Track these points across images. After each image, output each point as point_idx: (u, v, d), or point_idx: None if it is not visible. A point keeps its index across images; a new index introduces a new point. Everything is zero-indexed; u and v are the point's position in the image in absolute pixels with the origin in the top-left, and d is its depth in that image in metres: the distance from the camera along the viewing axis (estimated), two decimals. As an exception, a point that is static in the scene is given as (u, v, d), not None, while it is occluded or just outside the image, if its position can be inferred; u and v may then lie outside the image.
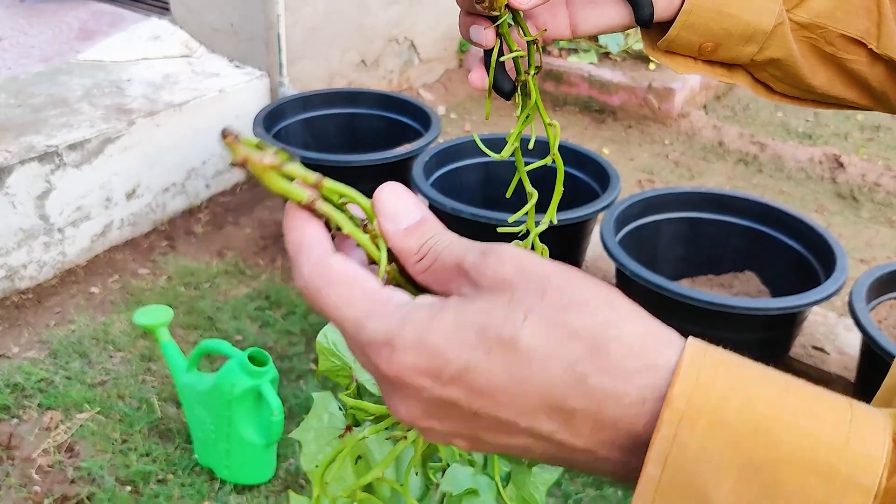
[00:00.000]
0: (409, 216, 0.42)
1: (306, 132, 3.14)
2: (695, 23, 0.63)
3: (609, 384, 0.35)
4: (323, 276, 0.39)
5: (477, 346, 0.36)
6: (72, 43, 3.47)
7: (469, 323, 0.36)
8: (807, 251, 2.43)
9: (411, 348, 0.36)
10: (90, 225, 2.89)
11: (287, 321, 2.63)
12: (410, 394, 0.37)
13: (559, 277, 0.37)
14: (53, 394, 2.30)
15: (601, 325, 0.35)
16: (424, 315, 0.37)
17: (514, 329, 0.35)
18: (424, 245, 0.41)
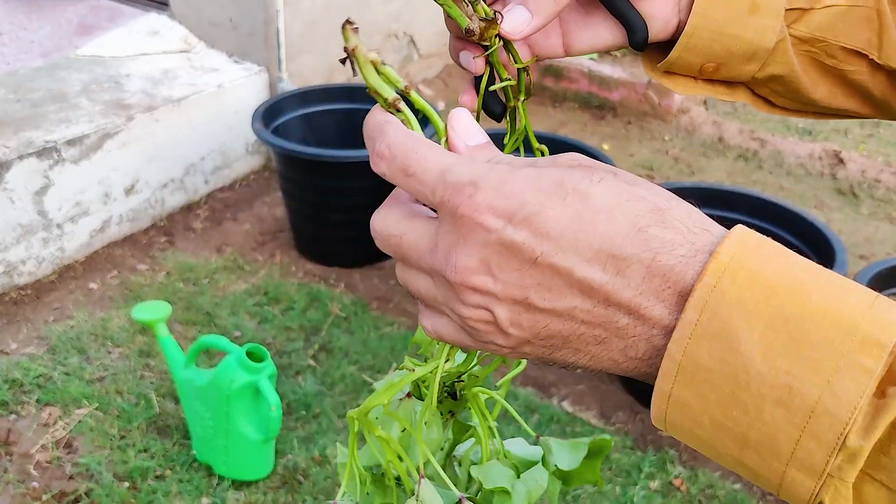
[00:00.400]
0: (479, 136, 0.46)
1: (305, 128, 3.13)
2: (696, 44, 0.62)
3: (667, 235, 0.38)
4: (411, 137, 0.43)
5: (553, 193, 0.39)
6: (71, 38, 3.46)
7: (548, 176, 0.40)
8: (806, 247, 2.43)
9: (493, 189, 0.39)
10: (89, 220, 2.88)
11: (285, 317, 2.63)
12: (477, 238, 0.39)
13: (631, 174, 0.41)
14: (52, 389, 2.30)
15: (665, 197, 0.40)
16: (507, 164, 0.41)
17: (589, 184, 0.39)
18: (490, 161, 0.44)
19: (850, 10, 0.63)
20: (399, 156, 0.42)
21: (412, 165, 0.42)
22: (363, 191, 2.82)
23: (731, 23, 0.61)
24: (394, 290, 2.83)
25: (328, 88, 3.23)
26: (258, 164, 3.48)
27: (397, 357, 2.48)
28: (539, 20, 0.57)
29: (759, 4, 0.61)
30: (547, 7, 0.57)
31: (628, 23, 0.62)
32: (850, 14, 0.63)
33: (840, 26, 0.64)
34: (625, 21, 0.62)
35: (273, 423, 1.93)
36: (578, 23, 0.64)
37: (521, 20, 0.57)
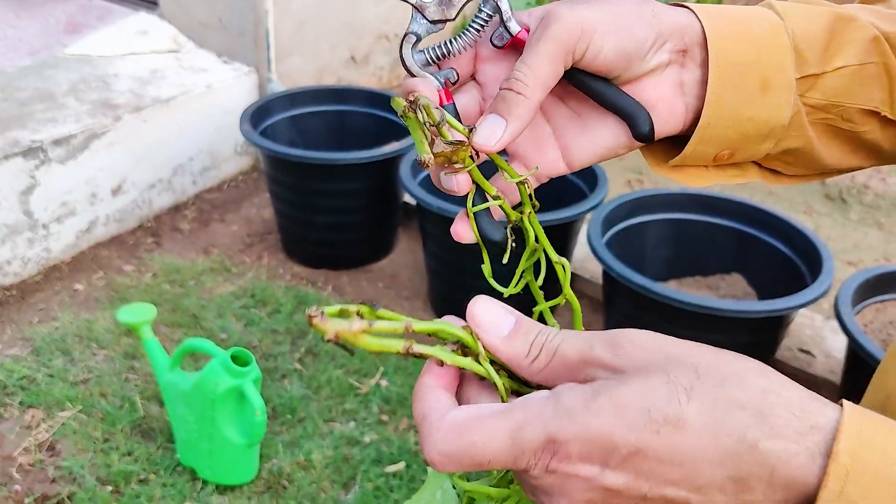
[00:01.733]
0: (506, 322, 0.43)
1: (293, 129, 3.12)
2: (712, 135, 0.57)
3: (780, 446, 0.36)
4: (454, 430, 0.40)
5: (644, 427, 0.36)
6: (59, 36, 3.44)
7: (631, 405, 0.37)
8: (794, 253, 2.43)
9: (576, 438, 0.37)
10: (75, 221, 2.87)
11: (272, 320, 2.62)
12: (577, 486, 0.38)
13: (707, 355, 0.38)
14: (35, 392, 2.28)
15: (761, 393, 0.37)
16: (577, 402, 0.38)
17: (680, 407, 0.36)
18: (534, 344, 0.42)
19: (862, 69, 0.59)
20: (459, 458, 0.39)
21: (480, 458, 0.39)
22: (351, 193, 2.81)
23: (745, 106, 0.57)
24: (381, 293, 2.82)
25: (317, 90, 3.21)
26: (247, 165, 3.46)
27: (384, 361, 2.47)
28: (516, 124, 0.52)
29: (770, 80, 0.57)
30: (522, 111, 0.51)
31: (629, 114, 0.56)
32: (861, 73, 0.59)
33: (855, 88, 0.59)
34: (624, 113, 0.56)
35: (258, 428, 1.92)
36: (574, 130, 0.58)
37: (494, 127, 0.52)
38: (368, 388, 2.36)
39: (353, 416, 2.28)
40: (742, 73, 0.56)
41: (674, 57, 0.56)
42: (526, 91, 0.51)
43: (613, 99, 0.55)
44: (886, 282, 2.32)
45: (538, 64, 0.51)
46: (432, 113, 0.48)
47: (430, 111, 0.48)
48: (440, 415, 0.41)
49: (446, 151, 0.49)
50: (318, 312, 0.40)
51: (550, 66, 0.52)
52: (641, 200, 2.55)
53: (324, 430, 2.22)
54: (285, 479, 2.08)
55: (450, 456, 0.40)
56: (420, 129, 0.48)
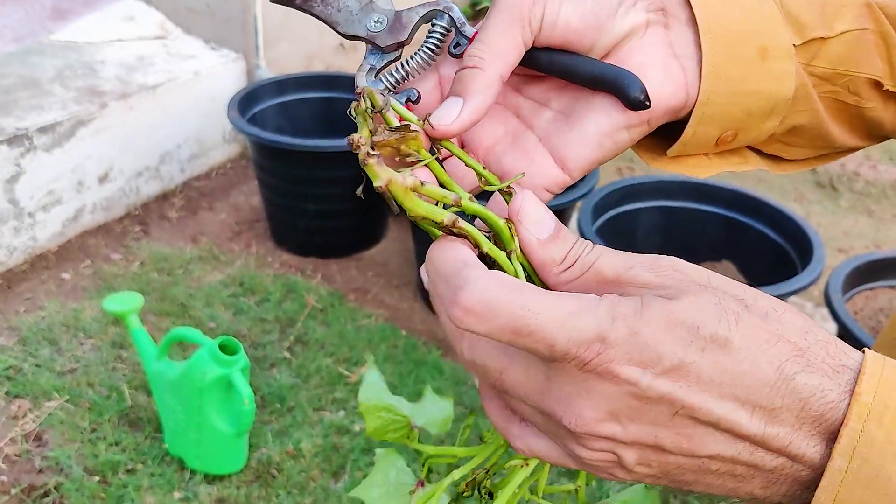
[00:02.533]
0: (548, 225, 0.42)
1: (282, 116, 3.09)
2: (714, 113, 0.51)
3: (814, 381, 0.36)
4: (505, 286, 0.37)
5: (691, 342, 0.36)
6: (44, 22, 3.40)
7: (681, 320, 0.36)
8: (784, 241, 2.43)
9: (624, 342, 0.36)
10: (62, 209, 2.84)
11: (261, 308, 2.60)
12: (607, 390, 0.37)
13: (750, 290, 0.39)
14: (22, 381, 2.26)
15: (800, 330, 0.38)
16: (630, 310, 0.37)
17: (728, 330, 0.36)
18: (570, 254, 0.41)
19: (862, 35, 0.55)
20: (502, 314, 0.36)
21: (524, 325, 0.36)
22: (340, 181, 2.79)
23: (745, 77, 0.51)
24: (371, 282, 2.80)
25: (306, 77, 3.19)
26: (235, 152, 3.44)
27: (374, 349, 2.45)
28: (476, 99, 0.46)
29: (768, 48, 0.51)
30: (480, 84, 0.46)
31: (612, 81, 0.48)
32: (862, 39, 0.55)
33: (859, 55, 0.55)
34: (607, 82, 0.48)
35: (246, 417, 1.91)
36: (560, 128, 0.51)
37: (450, 107, 0.46)
38: (358, 377, 2.35)
39: (342, 404, 2.27)
40: (737, 41, 0.50)
41: (652, 17, 0.50)
42: (482, 64, 0.46)
43: (591, 70, 0.48)
44: (877, 269, 2.32)
45: (491, 37, 0.47)
46: (376, 98, 0.43)
47: (373, 97, 0.43)
48: (483, 269, 0.38)
49: (391, 140, 0.42)
50: (376, 153, 0.37)
51: (504, 36, 0.47)
52: (632, 188, 2.54)
53: (313, 419, 2.21)
54: (274, 469, 2.07)
55: (491, 307, 0.36)
56: (364, 118, 0.43)
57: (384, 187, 0.37)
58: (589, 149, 0.50)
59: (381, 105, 0.43)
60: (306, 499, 1.99)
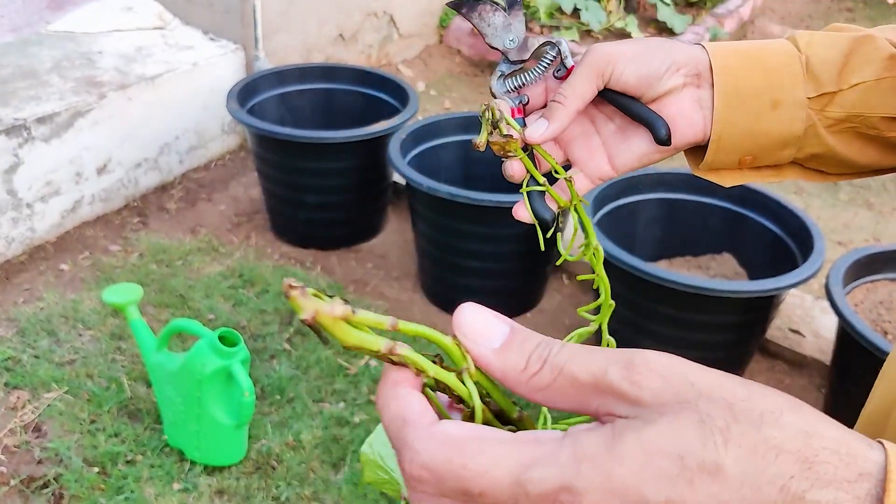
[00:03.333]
0: (499, 331, 0.38)
1: (281, 107, 3.08)
2: (727, 145, 0.68)
3: (830, 496, 0.32)
4: (449, 444, 0.35)
5: (677, 477, 0.32)
6: (42, 13, 3.38)
7: (661, 450, 0.32)
8: (784, 233, 2.42)
9: (596, 489, 0.32)
10: (60, 200, 2.83)
11: (260, 300, 2.59)
12: None
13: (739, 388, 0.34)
14: (21, 373, 2.26)
15: (803, 435, 0.33)
16: (598, 447, 0.33)
17: (717, 454, 0.32)
18: (532, 357, 0.37)
19: (878, 84, 0.67)
20: (448, 477, 0.34)
21: (473, 486, 0.34)
22: (340, 172, 2.78)
23: (755, 122, 0.67)
24: (371, 274, 2.80)
25: (305, 68, 3.18)
26: (234, 143, 3.43)
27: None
28: (555, 124, 0.66)
29: (780, 100, 0.67)
30: (561, 114, 0.67)
31: (649, 122, 0.68)
32: (878, 87, 0.67)
33: (874, 100, 0.67)
34: (646, 122, 0.68)
35: (246, 409, 1.90)
36: (617, 140, 0.70)
37: (539, 125, 0.67)
38: (358, 369, 2.35)
39: (342, 396, 2.26)
40: (750, 96, 0.67)
41: (689, 80, 0.69)
42: (564, 101, 0.67)
43: (638, 111, 0.68)
44: (877, 262, 2.32)
45: (575, 82, 0.67)
46: (495, 112, 0.63)
47: (493, 111, 0.63)
48: (428, 422, 0.36)
49: (499, 141, 0.63)
50: (298, 285, 0.36)
51: (584, 83, 0.67)
52: (633, 180, 2.54)
53: (313, 411, 2.21)
54: (274, 460, 2.06)
55: (435, 472, 0.34)
56: (486, 125, 0.63)
57: (311, 320, 0.36)
58: (632, 160, 0.71)
59: (497, 118, 0.63)
60: (306, 490, 1.99)
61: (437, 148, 2.79)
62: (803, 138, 0.68)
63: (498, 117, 0.63)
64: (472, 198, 2.29)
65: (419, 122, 2.75)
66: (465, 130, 2.82)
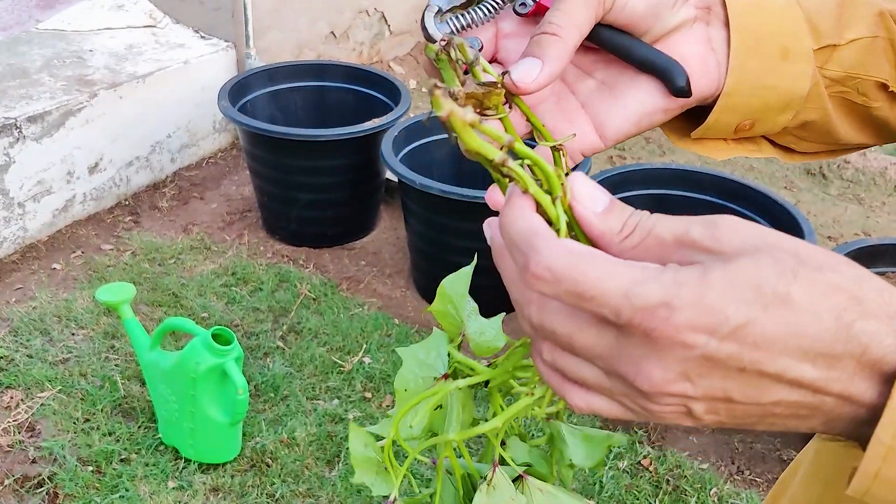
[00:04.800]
0: (602, 198, 0.44)
1: (273, 105, 3.08)
2: (736, 103, 0.58)
3: (872, 327, 0.38)
4: (573, 253, 0.39)
5: (754, 301, 0.38)
6: (31, 11, 3.37)
7: (742, 281, 0.38)
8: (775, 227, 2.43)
9: (689, 306, 0.38)
10: (52, 199, 2.83)
11: (253, 298, 2.60)
12: (677, 353, 0.39)
13: (803, 244, 0.40)
14: (14, 372, 2.26)
15: (854, 279, 0.39)
16: (693, 275, 0.38)
17: (787, 285, 0.38)
18: (627, 222, 0.42)
19: (872, 42, 0.62)
20: (567, 279, 0.39)
21: (587, 290, 0.39)
22: (332, 170, 2.79)
23: (766, 73, 0.58)
24: (364, 271, 2.80)
25: (297, 66, 3.18)
26: (226, 142, 3.43)
27: (367, 338, 2.46)
28: (552, 64, 0.51)
29: (790, 49, 0.58)
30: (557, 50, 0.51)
31: (663, 69, 0.54)
32: (872, 46, 0.63)
33: (868, 60, 0.63)
34: (658, 69, 0.54)
35: (240, 406, 1.91)
36: (604, 100, 0.57)
37: (530, 67, 0.51)
38: (351, 366, 2.36)
39: (336, 393, 2.27)
40: (762, 41, 0.57)
41: (699, 13, 0.57)
42: (560, 31, 0.52)
43: (645, 54, 0.54)
44: (866, 256, 2.34)
45: (571, 6, 0.52)
46: (466, 51, 0.48)
47: (463, 50, 0.48)
48: (552, 236, 0.41)
49: (478, 93, 0.47)
50: (443, 86, 0.39)
51: (584, 8, 0.52)
52: (624, 175, 2.55)
53: (307, 408, 2.21)
54: (269, 457, 2.07)
55: (558, 274, 0.39)
56: (453, 71, 0.48)
57: (445, 118, 0.38)
58: (628, 123, 0.57)
59: (471, 59, 0.48)
60: (301, 487, 2.00)
61: (429, 145, 2.79)
62: (804, 100, 0.60)
63: (472, 58, 0.48)
64: (464, 195, 2.30)
65: (411, 120, 2.75)
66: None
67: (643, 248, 0.42)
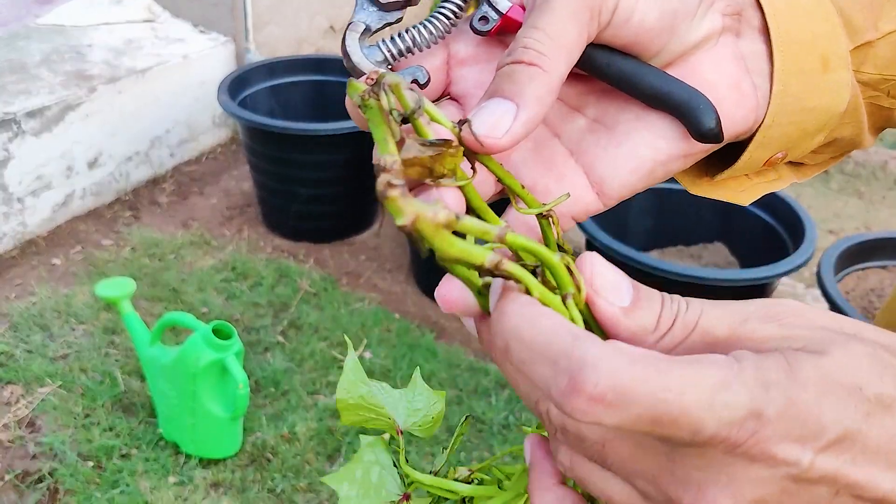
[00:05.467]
0: (627, 288, 0.34)
1: (272, 100, 3.08)
2: (774, 135, 0.45)
3: None
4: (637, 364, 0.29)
5: (855, 408, 0.30)
6: (30, 6, 3.36)
7: (839, 381, 0.30)
8: (776, 222, 2.43)
9: (782, 416, 0.29)
10: (51, 195, 2.82)
11: (254, 293, 2.59)
12: (760, 474, 0.30)
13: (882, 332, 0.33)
14: (14, 368, 2.25)
15: None
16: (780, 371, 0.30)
17: (893, 388, 0.30)
18: (663, 317, 0.33)
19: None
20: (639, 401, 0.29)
21: (664, 413, 0.29)
22: (332, 164, 2.78)
23: (808, 93, 0.44)
24: (364, 266, 2.80)
25: (296, 60, 3.17)
26: (225, 136, 3.42)
27: (367, 333, 2.45)
28: (531, 108, 0.36)
29: (829, 56, 0.44)
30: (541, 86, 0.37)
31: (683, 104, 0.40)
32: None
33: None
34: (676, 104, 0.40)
35: (240, 401, 1.91)
36: (600, 144, 0.43)
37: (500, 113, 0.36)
38: (352, 361, 2.35)
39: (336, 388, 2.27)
40: (803, 51, 0.43)
41: (727, 21, 0.43)
42: (541, 60, 0.37)
43: (658, 85, 0.40)
44: (867, 250, 2.33)
45: (555, 23, 0.37)
46: (403, 96, 0.34)
47: (400, 93, 0.34)
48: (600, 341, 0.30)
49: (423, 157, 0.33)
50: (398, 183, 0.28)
51: (572, 24, 0.37)
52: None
53: (308, 403, 2.21)
54: (269, 452, 2.07)
55: (625, 395, 0.28)
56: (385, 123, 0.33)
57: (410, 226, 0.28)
58: (636, 176, 0.42)
59: (412, 108, 0.34)
60: (301, 482, 2.00)
61: (429, 139, 2.78)
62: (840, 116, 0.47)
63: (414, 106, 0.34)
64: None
65: (411, 114, 2.75)
66: (457, 122, 2.82)
67: (687, 346, 0.33)
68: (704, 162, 0.48)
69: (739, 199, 0.49)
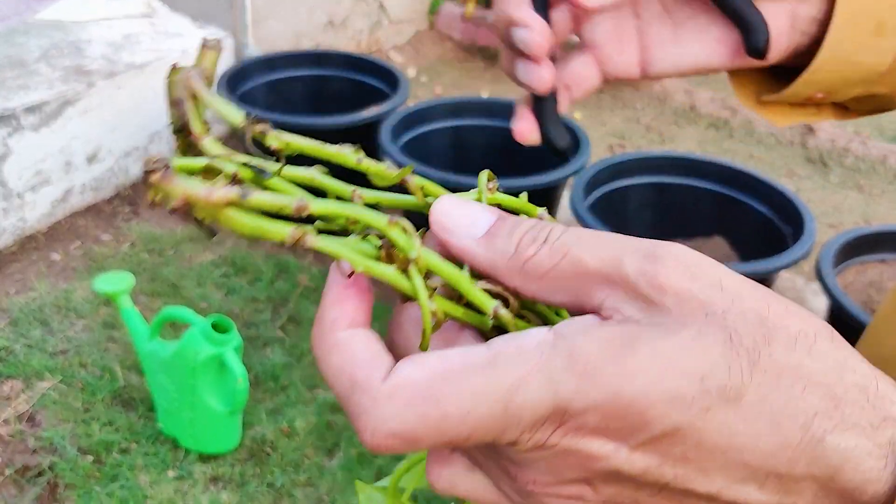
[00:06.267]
0: (484, 219, 0.31)
1: (271, 94, 3.07)
2: (817, 78, 0.52)
3: (849, 442, 0.28)
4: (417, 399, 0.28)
5: (692, 403, 0.27)
6: (29, 2, 3.36)
7: (679, 370, 0.27)
8: (775, 216, 2.43)
9: (595, 409, 0.27)
10: (50, 190, 2.82)
11: (253, 288, 2.59)
12: (568, 466, 0.29)
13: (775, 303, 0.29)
14: (13, 363, 2.26)
15: (836, 368, 0.28)
16: (603, 358, 0.27)
17: (741, 377, 0.27)
18: (525, 239, 0.30)
19: None
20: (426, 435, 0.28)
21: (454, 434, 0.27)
22: (331, 159, 2.78)
23: (857, 50, 0.51)
24: (363, 260, 2.80)
25: (295, 54, 3.17)
26: (224, 131, 3.41)
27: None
28: None
29: (885, 22, 0.50)
30: None
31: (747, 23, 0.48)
32: None
33: None
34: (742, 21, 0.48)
35: (239, 396, 1.91)
36: (663, 34, 0.51)
37: None
38: (351, 355, 2.35)
39: (335, 383, 2.27)
40: (861, 14, 0.50)
41: None
42: None
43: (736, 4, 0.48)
44: (867, 243, 2.33)
45: None
46: None
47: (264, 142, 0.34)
48: (382, 375, 0.29)
49: None
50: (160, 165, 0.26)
51: None
52: (623, 164, 2.54)
53: (307, 397, 2.21)
54: (268, 447, 2.07)
55: (408, 437, 0.28)
56: None
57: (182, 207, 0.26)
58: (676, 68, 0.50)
59: None
60: (301, 476, 2.00)
61: (427, 134, 2.78)
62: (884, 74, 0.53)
63: None
64: (463, 183, 2.29)
65: (410, 108, 2.74)
66: (456, 116, 2.82)
67: (555, 276, 0.30)
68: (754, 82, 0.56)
69: (777, 120, 0.56)
